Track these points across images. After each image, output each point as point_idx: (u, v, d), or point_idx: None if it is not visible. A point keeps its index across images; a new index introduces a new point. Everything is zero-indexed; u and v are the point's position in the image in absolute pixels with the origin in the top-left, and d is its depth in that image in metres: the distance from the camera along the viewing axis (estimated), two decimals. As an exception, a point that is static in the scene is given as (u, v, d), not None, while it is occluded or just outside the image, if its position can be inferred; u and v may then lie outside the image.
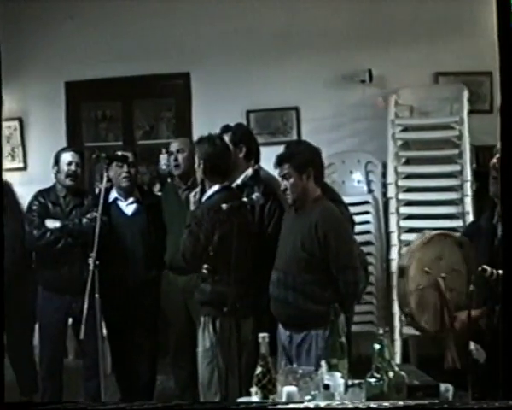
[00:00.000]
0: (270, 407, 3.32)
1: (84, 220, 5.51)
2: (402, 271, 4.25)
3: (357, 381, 3.60)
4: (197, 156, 4.97)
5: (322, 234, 4.42)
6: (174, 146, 5.70)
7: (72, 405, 3.41)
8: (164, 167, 7.34)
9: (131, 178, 5.66)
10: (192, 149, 5.32)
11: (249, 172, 5.30)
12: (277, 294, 4.55)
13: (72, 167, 5.61)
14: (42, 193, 5.71)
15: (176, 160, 5.63)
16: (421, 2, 6.96)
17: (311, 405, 3.27)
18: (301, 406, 3.26)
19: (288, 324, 4.56)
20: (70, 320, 5.79)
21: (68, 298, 5.53)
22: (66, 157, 5.64)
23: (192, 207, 5.09)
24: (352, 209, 5.64)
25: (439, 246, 4.25)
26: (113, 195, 5.72)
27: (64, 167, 5.62)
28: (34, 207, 5.64)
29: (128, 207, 5.75)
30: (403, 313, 4.45)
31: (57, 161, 5.67)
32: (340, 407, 3.31)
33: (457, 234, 4.63)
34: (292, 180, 4.52)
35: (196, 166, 4.98)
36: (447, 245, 4.27)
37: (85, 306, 4.85)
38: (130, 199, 5.74)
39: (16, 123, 8.03)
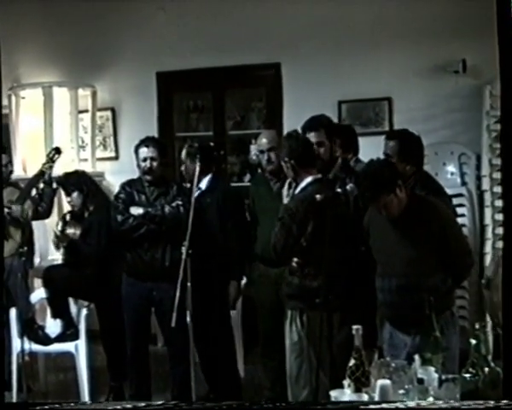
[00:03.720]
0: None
1: (167, 208, 5.54)
2: (488, 282, 4.10)
3: (451, 376, 3.53)
4: (285, 160, 4.87)
5: (438, 229, 4.25)
6: (264, 144, 5.57)
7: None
8: (254, 158, 7.33)
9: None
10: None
11: (339, 163, 5.24)
12: (399, 300, 4.29)
13: (148, 164, 5.60)
14: (129, 182, 5.78)
15: (269, 158, 5.55)
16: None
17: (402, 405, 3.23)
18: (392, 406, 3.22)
19: (412, 327, 4.21)
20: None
21: (149, 285, 5.57)
22: (142, 153, 5.63)
23: (285, 201, 5.05)
24: (446, 201, 5.53)
25: None
26: None
27: (140, 163, 5.65)
28: (121, 195, 5.70)
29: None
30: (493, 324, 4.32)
31: (136, 155, 5.69)
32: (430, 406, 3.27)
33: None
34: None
35: (286, 168, 4.89)
36: None
37: (177, 294, 4.89)
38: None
39: (109, 113, 8.18)
